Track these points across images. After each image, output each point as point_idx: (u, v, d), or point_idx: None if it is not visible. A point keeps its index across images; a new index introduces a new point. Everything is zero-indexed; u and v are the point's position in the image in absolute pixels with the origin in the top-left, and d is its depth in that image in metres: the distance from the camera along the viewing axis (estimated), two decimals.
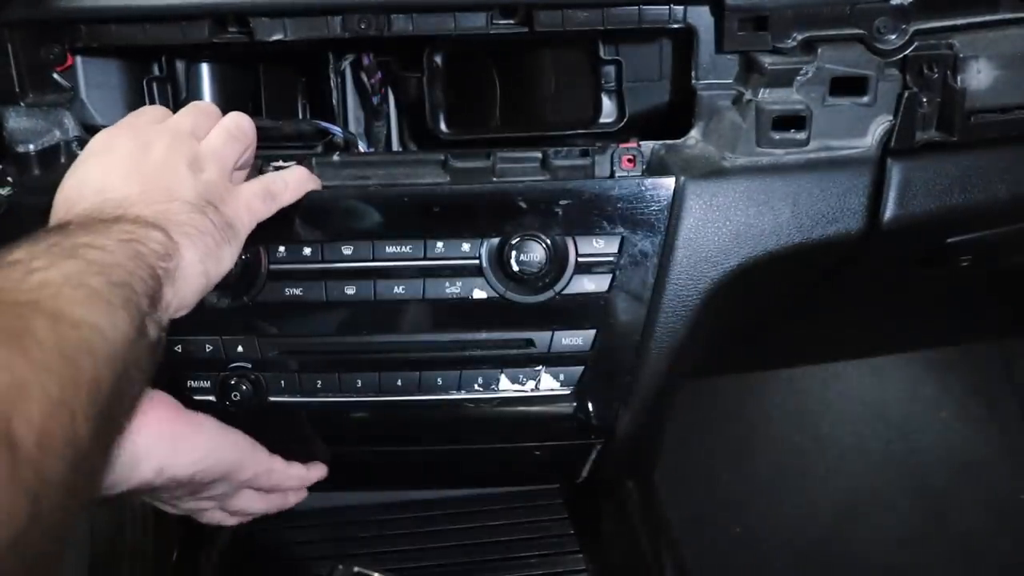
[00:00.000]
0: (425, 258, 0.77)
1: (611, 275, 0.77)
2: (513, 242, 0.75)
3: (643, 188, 0.76)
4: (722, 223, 0.78)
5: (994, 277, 1.04)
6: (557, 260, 0.76)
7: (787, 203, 0.78)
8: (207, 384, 0.80)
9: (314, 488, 0.86)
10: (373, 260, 0.77)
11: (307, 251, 0.76)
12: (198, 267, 0.61)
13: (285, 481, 0.80)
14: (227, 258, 0.64)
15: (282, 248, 0.76)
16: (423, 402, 0.81)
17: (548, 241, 0.76)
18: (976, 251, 0.88)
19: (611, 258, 0.77)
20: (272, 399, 0.80)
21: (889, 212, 0.80)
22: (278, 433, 0.81)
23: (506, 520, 1.14)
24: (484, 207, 0.76)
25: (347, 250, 0.76)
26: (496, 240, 0.77)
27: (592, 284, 0.78)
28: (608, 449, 0.87)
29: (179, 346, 0.79)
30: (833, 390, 1.76)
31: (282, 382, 0.80)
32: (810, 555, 1.57)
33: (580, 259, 0.77)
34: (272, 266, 0.77)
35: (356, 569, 0.79)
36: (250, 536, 1.15)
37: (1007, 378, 1.72)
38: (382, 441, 0.88)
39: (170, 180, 0.63)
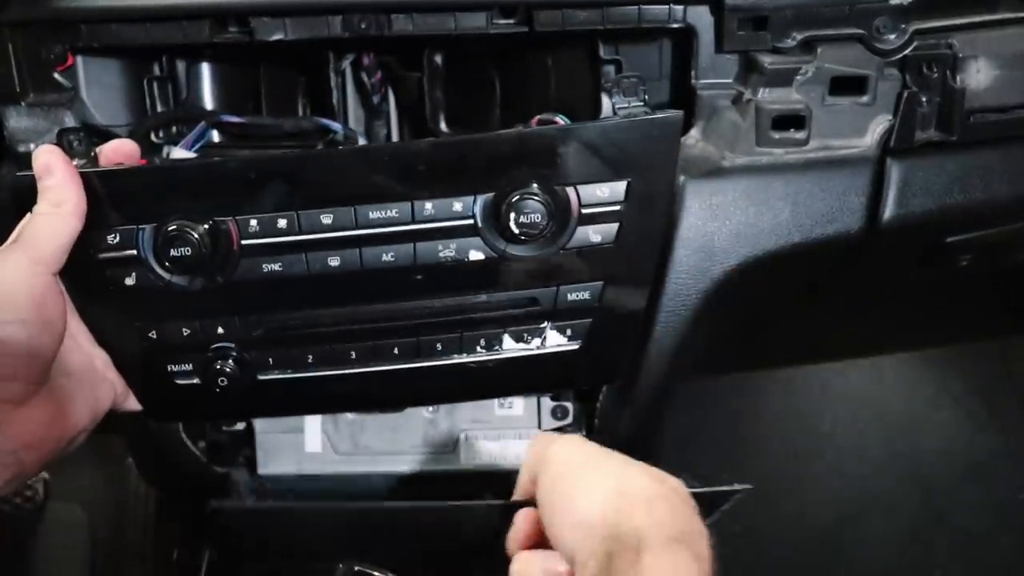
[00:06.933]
0: (414, 221, 0.70)
1: (618, 224, 0.72)
2: (511, 200, 0.69)
3: (648, 125, 0.70)
4: (722, 223, 0.78)
5: (994, 276, 1.04)
6: (559, 213, 0.70)
7: (787, 203, 0.78)
8: (189, 368, 0.75)
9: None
10: (356, 228, 0.70)
11: (282, 223, 0.70)
12: None
13: None
14: None
15: (254, 221, 0.70)
16: (423, 369, 0.76)
17: (548, 195, 0.70)
18: (976, 250, 0.88)
19: (618, 206, 0.71)
20: (261, 377, 0.76)
21: (889, 211, 0.80)
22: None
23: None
24: (474, 160, 0.69)
25: (326, 219, 0.70)
26: (491, 195, 0.70)
27: (598, 236, 0.72)
28: None
29: (153, 332, 0.73)
30: (833, 390, 1.76)
31: (270, 359, 0.75)
32: (810, 555, 1.57)
33: (584, 210, 0.71)
34: (244, 241, 0.70)
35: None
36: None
37: (1007, 378, 1.72)
38: (378, 404, 0.88)
39: None
